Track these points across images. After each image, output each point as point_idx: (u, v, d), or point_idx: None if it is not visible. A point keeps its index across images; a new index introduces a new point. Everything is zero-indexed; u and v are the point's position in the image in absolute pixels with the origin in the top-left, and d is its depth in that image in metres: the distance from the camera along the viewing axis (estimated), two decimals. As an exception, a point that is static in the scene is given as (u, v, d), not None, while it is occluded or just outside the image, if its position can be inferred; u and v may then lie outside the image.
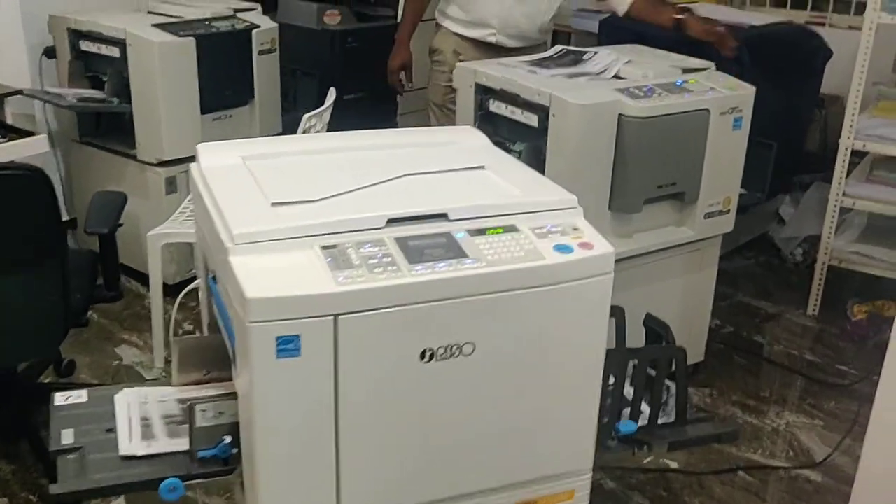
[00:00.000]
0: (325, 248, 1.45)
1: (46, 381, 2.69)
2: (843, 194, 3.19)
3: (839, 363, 3.06)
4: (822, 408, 2.78)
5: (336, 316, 1.38)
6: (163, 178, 3.16)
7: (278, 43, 3.43)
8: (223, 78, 3.22)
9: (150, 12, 3.35)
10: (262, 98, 3.37)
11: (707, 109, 2.45)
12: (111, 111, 3.19)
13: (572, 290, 1.54)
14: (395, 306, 1.41)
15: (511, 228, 1.57)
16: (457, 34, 3.21)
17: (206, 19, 3.22)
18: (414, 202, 1.57)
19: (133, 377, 2.82)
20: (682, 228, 2.61)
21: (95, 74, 3.24)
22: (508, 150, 2.61)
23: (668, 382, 2.04)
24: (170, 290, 2.94)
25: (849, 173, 3.28)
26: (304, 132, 2.59)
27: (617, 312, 2.18)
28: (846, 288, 3.47)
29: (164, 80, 3.03)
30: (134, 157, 3.19)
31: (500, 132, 2.64)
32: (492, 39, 3.15)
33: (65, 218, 3.48)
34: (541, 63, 2.66)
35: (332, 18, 3.90)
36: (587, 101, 2.31)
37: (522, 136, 2.54)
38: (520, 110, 2.49)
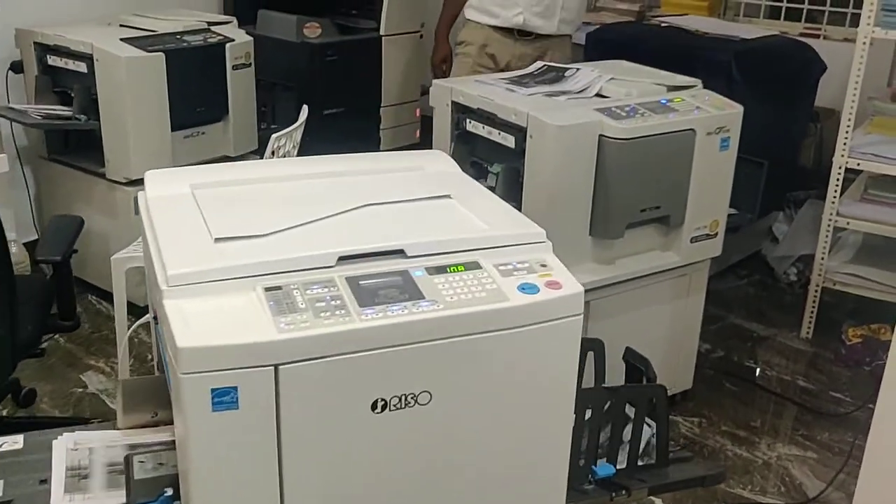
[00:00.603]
0: (268, 289, 1.34)
1: (3, 412, 2.57)
2: (837, 214, 3.08)
3: (833, 390, 2.95)
4: (815, 439, 2.67)
5: (277, 366, 1.27)
6: (131, 197, 3.03)
7: (256, 56, 3.33)
8: (195, 94, 3.11)
9: (122, 25, 3.25)
10: (236, 114, 3.26)
11: (692, 130, 2.34)
12: (78, 129, 3.08)
13: (538, 332, 1.42)
14: (342, 354, 1.30)
15: (473, 265, 1.45)
16: (484, 25, 3.31)
17: (177, 33, 3.11)
18: (369, 237, 1.46)
19: (97, 407, 2.70)
20: (667, 253, 2.50)
21: (63, 90, 3.13)
22: (486, 172, 2.52)
23: (648, 421, 1.93)
24: (142, 311, 2.83)
25: (844, 191, 3.18)
26: (273, 153, 2.48)
27: (596, 346, 2.08)
28: (841, 309, 3.37)
29: (132, 97, 2.92)
30: (102, 176, 3.08)
31: (478, 153, 2.54)
32: (519, 20, 3.24)
33: (33, 238, 3.40)
34: (520, 81, 2.55)
35: (313, 31, 3.80)
36: (566, 122, 2.20)
37: (500, 157, 2.43)
38: (497, 130, 2.38)
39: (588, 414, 1.85)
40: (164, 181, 1.69)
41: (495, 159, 2.47)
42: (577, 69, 2.59)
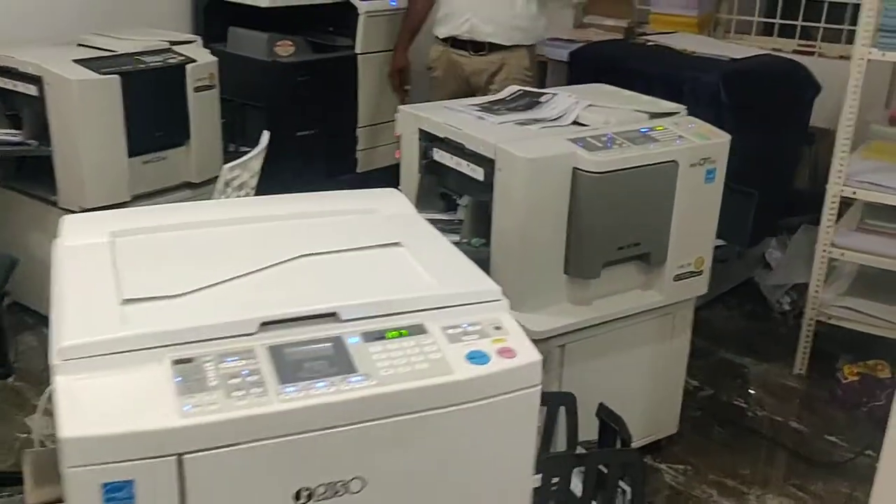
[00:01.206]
0: (176, 362, 1.18)
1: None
2: (832, 245, 2.91)
3: (828, 433, 2.77)
4: (808, 489, 2.49)
5: (181, 455, 1.11)
6: (86, 227, 2.87)
7: (226, 76, 3.17)
8: (153, 117, 2.94)
9: (80, 45, 3.08)
10: (199, 138, 3.09)
11: (674, 161, 2.17)
12: (29, 155, 2.91)
13: (488, 408, 1.26)
14: (258, 440, 1.13)
15: (417, 330, 1.29)
16: (443, 40, 3.39)
17: (136, 54, 2.94)
18: (300, 297, 1.30)
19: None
20: (649, 292, 2.33)
21: (15, 113, 2.96)
22: (455, 205, 2.36)
23: (622, 485, 1.77)
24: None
25: (840, 217, 3.01)
26: (226, 184, 2.31)
27: (567, 401, 1.91)
28: (837, 342, 3.19)
29: (84, 122, 2.75)
30: (55, 204, 2.91)
31: (447, 183, 2.38)
32: (466, 27, 3.29)
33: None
34: (491, 107, 2.38)
35: (285, 49, 3.63)
36: (536, 154, 2.03)
37: (469, 189, 2.27)
38: (465, 162, 2.21)
39: (556, 481, 1.68)
40: (82, 228, 1.53)
41: (464, 191, 2.31)
42: (554, 94, 2.43)
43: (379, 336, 1.27)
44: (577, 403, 1.89)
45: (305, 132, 3.68)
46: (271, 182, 3.42)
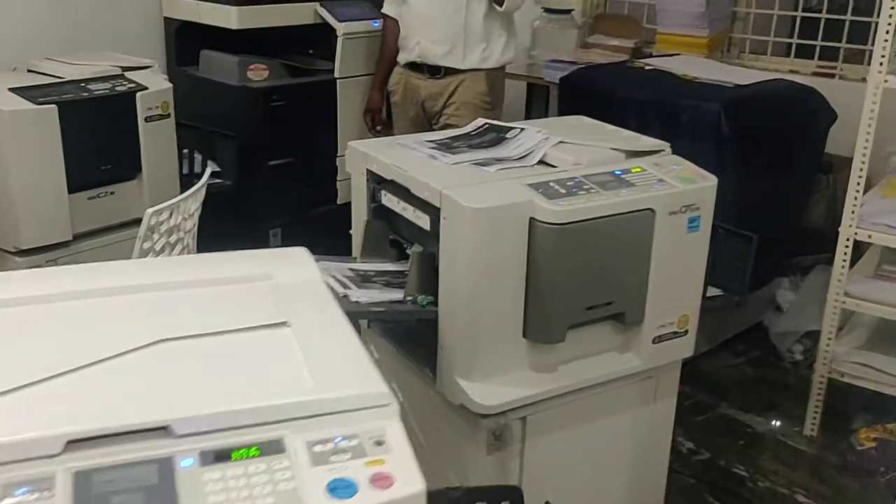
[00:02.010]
0: (-54, 498, 0.92)
1: None
2: (845, 294, 2.60)
3: (839, 508, 2.47)
4: (812, 578, 2.19)
5: None
6: (22, 268, 2.64)
7: (194, 102, 2.95)
8: (98, 150, 2.71)
9: (29, 71, 2.87)
10: (151, 171, 2.85)
11: (651, 209, 1.88)
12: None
13: (351, 557, 0.98)
14: None
15: (273, 447, 1.03)
16: (402, 65, 3.30)
17: (82, 81, 2.72)
18: (125, 404, 1.04)
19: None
20: (625, 355, 2.04)
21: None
22: (404, 253, 2.09)
23: None
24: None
25: (855, 261, 2.70)
26: (151, 230, 2.07)
27: (513, 496, 1.63)
28: (852, 400, 2.88)
29: (18, 155, 2.53)
30: (-9, 243, 2.69)
31: (398, 229, 2.12)
32: (417, 51, 3.18)
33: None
34: (450, 144, 2.12)
35: (258, 73, 3.40)
36: (485, 203, 1.76)
37: (419, 237, 2.00)
38: (411, 207, 1.95)
39: None
40: None
41: (416, 239, 2.04)
42: (521, 129, 2.15)
43: (222, 456, 1.00)
44: (524, 498, 1.61)
45: (279, 161, 3.46)
46: (241, 214, 3.21)
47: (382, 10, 3.37)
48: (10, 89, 2.59)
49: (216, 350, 1.20)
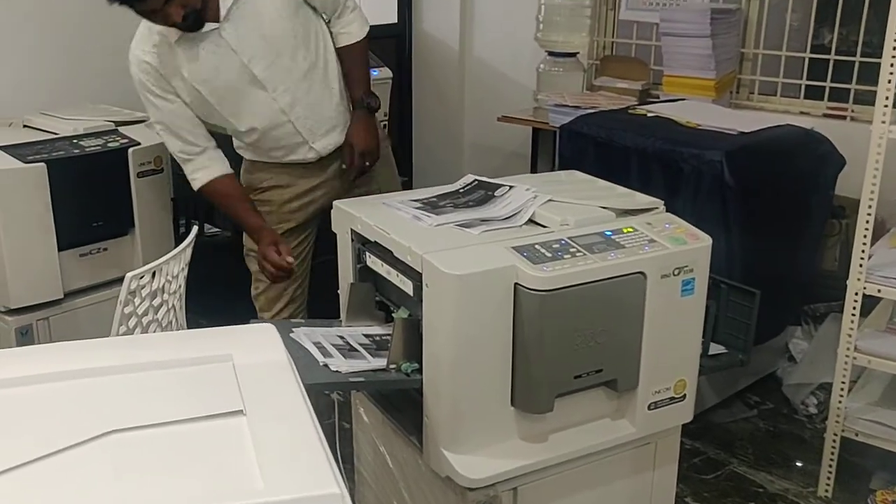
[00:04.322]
0: None
1: None
2: (856, 350, 2.50)
3: (854, 577, 2.35)
4: None
5: None
6: (12, 328, 2.62)
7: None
8: (90, 207, 2.70)
9: (25, 126, 2.88)
10: (144, 226, 2.83)
11: (641, 273, 1.81)
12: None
13: None
14: None
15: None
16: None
17: (74, 137, 2.71)
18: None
19: None
20: (619, 423, 1.96)
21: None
22: (390, 316, 2.03)
23: None
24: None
25: (868, 313, 2.60)
26: (132, 294, 2.02)
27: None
28: (869, 457, 2.76)
29: (6, 215, 2.52)
30: (-18, 303, 2.66)
31: (384, 291, 2.06)
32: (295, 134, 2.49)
33: None
34: (437, 203, 2.06)
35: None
36: (467, 270, 1.70)
37: (404, 301, 1.94)
38: (395, 271, 1.89)
39: None
40: None
41: (401, 301, 1.98)
42: (511, 187, 2.09)
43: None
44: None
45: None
46: (241, 264, 3.15)
47: None
48: (0, 147, 2.57)
49: (166, 443, 1.13)
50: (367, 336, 2.03)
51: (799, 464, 2.85)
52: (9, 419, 1.16)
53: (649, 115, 3.10)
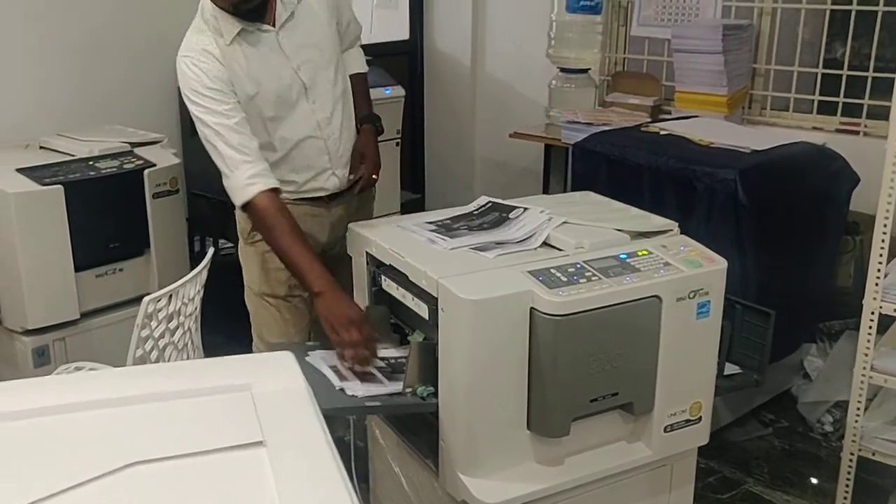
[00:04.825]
0: None
1: None
2: (872, 369, 2.49)
3: None
4: None
5: None
6: (29, 348, 2.64)
7: (209, 172, 2.92)
8: (106, 228, 2.72)
9: (41, 147, 2.90)
10: (160, 247, 2.85)
11: (657, 297, 1.81)
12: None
13: None
14: None
15: None
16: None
17: (90, 159, 2.73)
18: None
19: None
20: (635, 445, 1.96)
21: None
22: (405, 338, 2.04)
23: None
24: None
25: (884, 330, 2.59)
26: (149, 318, 2.03)
27: None
28: (887, 476, 2.74)
29: (23, 237, 2.54)
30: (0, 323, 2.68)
31: (400, 314, 2.07)
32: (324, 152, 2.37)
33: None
34: (451, 226, 2.06)
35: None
36: (482, 295, 1.70)
37: (418, 324, 1.95)
38: (410, 294, 1.90)
39: None
40: None
41: (416, 325, 1.99)
42: (525, 209, 2.10)
43: None
44: None
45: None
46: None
47: None
48: (18, 170, 2.60)
49: (188, 474, 1.14)
50: (382, 359, 2.04)
51: (815, 482, 2.84)
52: (34, 450, 1.17)
53: (662, 132, 3.11)
